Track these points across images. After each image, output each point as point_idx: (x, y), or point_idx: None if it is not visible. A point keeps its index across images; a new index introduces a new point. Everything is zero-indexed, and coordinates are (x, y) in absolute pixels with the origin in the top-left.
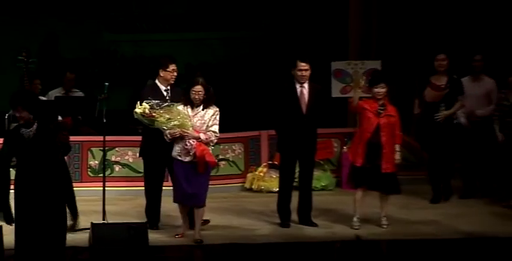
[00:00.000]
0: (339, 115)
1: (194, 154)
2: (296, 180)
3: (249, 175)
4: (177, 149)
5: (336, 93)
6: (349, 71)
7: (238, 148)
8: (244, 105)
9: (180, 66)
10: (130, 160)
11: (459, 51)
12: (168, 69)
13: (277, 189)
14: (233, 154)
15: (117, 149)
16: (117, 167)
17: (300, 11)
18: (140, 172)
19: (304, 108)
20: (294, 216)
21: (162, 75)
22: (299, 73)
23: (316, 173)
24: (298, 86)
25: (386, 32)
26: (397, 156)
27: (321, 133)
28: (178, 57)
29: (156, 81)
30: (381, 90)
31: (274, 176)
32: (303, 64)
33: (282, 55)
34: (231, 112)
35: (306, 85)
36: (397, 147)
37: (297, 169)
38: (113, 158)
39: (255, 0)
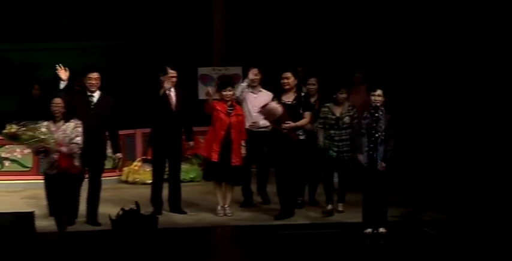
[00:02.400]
0: (205, 115)
1: (58, 166)
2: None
3: (125, 168)
4: (45, 164)
5: (202, 95)
6: (213, 76)
7: None
8: (121, 107)
9: None
10: (19, 156)
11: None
12: (87, 76)
13: (151, 181)
14: (110, 150)
15: (6, 146)
16: (6, 163)
17: (168, 21)
18: (28, 167)
19: (173, 108)
20: (166, 205)
21: (84, 82)
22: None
23: (185, 166)
24: (167, 90)
25: (247, 41)
26: (243, 150)
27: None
28: (64, 65)
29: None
30: (228, 92)
31: (147, 170)
32: (172, 71)
33: (152, 63)
34: None
35: (172, 89)
36: (243, 142)
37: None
38: (3, 155)
39: (127, 11)
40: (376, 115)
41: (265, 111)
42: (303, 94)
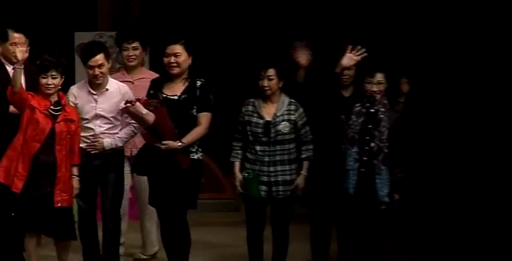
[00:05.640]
0: None
1: None
2: None
3: None
4: None
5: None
6: None
7: None
8: None
9: None
10: None
11: None
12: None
13: None
14: None
15: None
16: None
17: None
18: None
19: None
20: None
21: None
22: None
23: None
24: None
25: None
26: (75, 183)
27: None
28: None
29: None
30: (50, 80)
31: None
32: (17, 35)
33: None
34: None
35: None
36: (75, 170)
37: None
38: None
39: None
40: (373, 110)
41: (129, 111)
42: None
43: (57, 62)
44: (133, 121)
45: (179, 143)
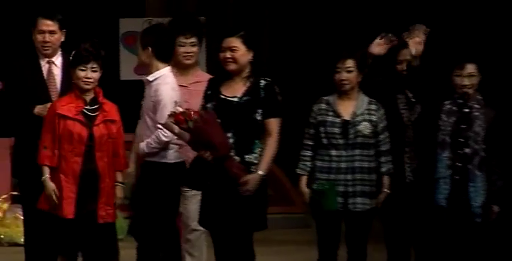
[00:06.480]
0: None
1: None
2: None
3: None
4: None
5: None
6: None
7: None
8: None
9: None
10: None
11: None
12: None
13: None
14: None
15: None
16: None
17: None
18: None
19: (57, 94)
20: None
21: None
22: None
23: None
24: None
25: None
26: (119, 192)
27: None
28: None
29: None
30: (89, 73)
31: (21, 218)
32: (49, 22)
33: None
34: None
35: (56, 57)
36: (119, 176)
37: None
38: None
39: None
40: (466, 110)
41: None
42: None
43: (97, 53)
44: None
45: (260, 173)
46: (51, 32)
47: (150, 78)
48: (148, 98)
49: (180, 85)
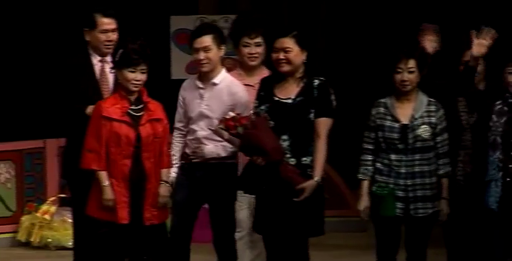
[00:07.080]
0: None
1: None
2: None
3: (24, 218)
4: None
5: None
6: None
7: (5, 170)
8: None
9: None
10: None
11: None
12: None
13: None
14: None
15: None
16: None
17: None
18: None
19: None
20: None
21: None
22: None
23: None
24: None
25: None
26: (164, 191)
27: None
28: None
29: None
30: (138, 75)
31: (69, 221)
32: (108, 20)
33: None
34: None
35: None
36: (164, 173)
37: None
38: None
39: None
40: None
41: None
42: None
43: (146, 54)
44: None
45: (316, 179)
46: (113, 30)
47: (216, 81)
48: (219, 101)
49: (247, 85)
